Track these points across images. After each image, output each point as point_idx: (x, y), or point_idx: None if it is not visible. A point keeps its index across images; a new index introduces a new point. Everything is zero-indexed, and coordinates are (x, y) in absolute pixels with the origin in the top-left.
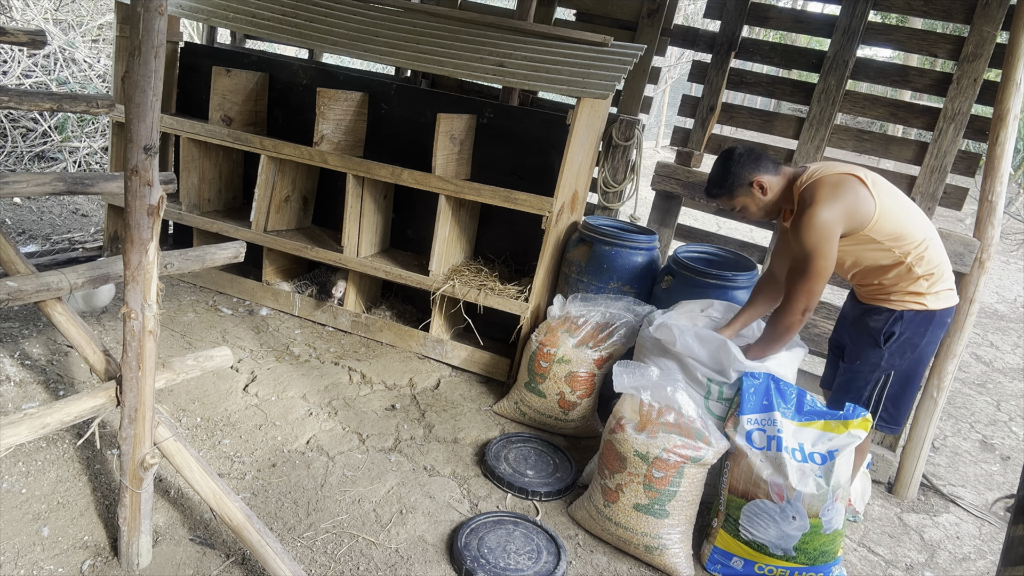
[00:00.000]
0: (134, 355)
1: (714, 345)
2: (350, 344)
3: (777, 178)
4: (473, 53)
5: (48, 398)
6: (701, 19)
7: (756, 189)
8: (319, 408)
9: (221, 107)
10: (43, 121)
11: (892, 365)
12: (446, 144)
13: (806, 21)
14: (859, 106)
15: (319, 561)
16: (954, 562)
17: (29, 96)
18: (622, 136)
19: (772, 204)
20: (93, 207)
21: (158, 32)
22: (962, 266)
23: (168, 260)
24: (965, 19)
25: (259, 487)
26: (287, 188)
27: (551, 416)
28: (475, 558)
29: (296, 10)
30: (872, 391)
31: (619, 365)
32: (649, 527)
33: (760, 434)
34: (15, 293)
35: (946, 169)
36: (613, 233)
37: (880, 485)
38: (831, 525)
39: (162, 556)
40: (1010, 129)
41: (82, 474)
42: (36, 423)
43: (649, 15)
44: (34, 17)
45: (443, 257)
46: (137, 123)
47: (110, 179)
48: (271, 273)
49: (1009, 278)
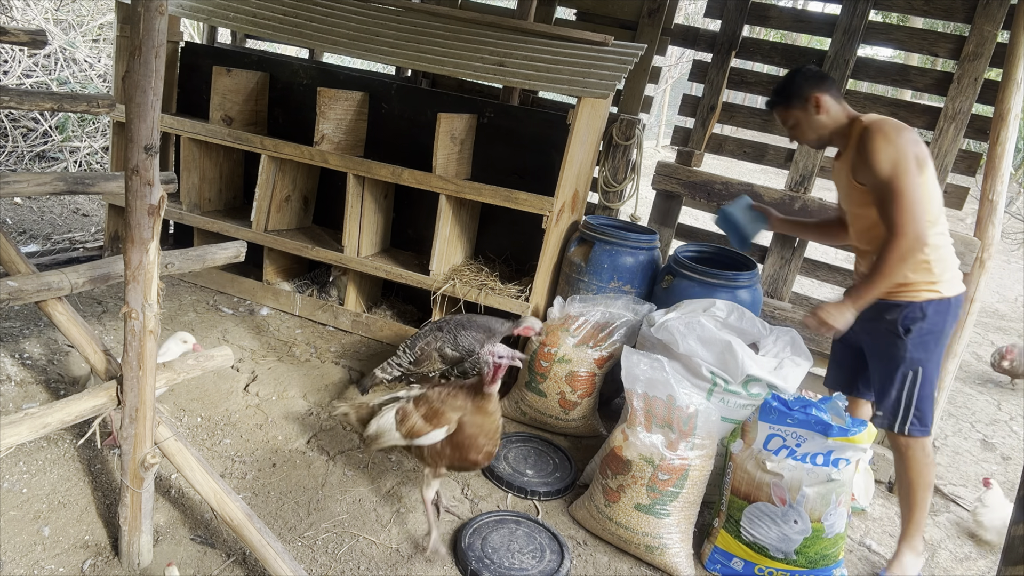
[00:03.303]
0: (135, 355)
1: (719, 347)
2: (351, 344)
3: (837, 105)
4: (474, 53)
5: (49, 398)
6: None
7: (813, 106)
8: (320, 408)
9: (222, 107)
10: (44, 121)
11: (918, 359)
12: (447, 144)
13: (807, 20)
14: (860, 106)
15: (320, 561)
16: (955, 561)
17: (30, 96)
18: (623, 135)
19: (824, 128)
20: (94, 207)
21: (159, 32)
22: (963, 266)
23: (169, 260)
24: (966, 18)
25: (260, 487)
26: (288, 188)
27: (552, 416)
28: (479, 558)
29: (297, 10)
30: (901, 390)
31: (628, 354)
32: (650, 527)
33: (778, 440)
34: (16, 293)
35: (947, 168)
36: (614, 233)
37: (880, 485)
38: (833, 529)
39: (163, 555)
40: (1011, 128)
41: (83, 474)
42: (37, 423)
43: (650, 14)
44: (35, 17)
45: (443, 257)
46: (138, 123)
47: (111, 179)
48: (272, 273)
49: (1010, 277)
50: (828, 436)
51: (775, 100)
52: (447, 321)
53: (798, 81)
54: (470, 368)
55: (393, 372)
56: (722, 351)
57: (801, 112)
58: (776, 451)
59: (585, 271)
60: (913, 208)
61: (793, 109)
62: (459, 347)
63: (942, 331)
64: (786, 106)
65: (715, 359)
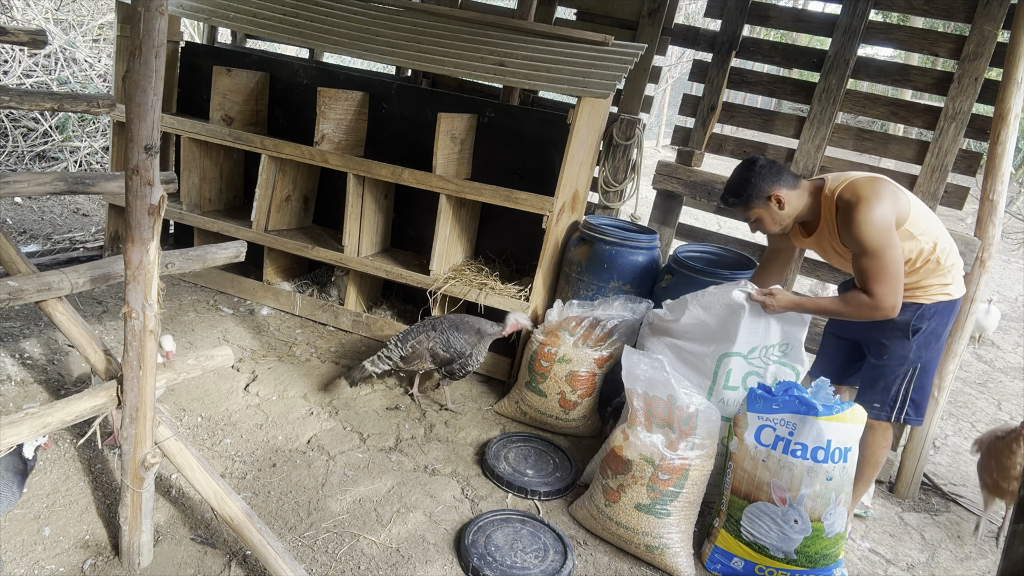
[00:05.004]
0: (135, 355)
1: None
2: (351, 343)
3: (796, 192)
4: (474, 52)
5: (49, 398)
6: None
7: (774, 203)
8: (320, 407)
9: (222, 107)
10: (44, 121)
11: (920, 357)
12: (447, 143)
13: (807, 20)
14: (860, 105)
15: (320, 560)
16: (955, 561)
17: (30, 96)
18: (623, 135)
19: (788, 218)
20: (94, 207)
21: (159, 32)
22: (964, 265)
23: (169, 259)
24: (966, 18)
25: (260, 486)
26: (288, 188)
27: (552, 415)
28: (482, 556)
29: (297, 9)
30: (901, 385)
31: (628, 353)
32: (650, 527)
33: (769, 431)
34: (16, 293)
35: (947, 168)
36: (614, 232)
37: (881, 484)
38: (833, 529)
39: (163, 555)
40: (1011, 128)
41: (83, 474)
42: (37, 423)
43: (650, 14)
44: (35, 17)
45: (444, 256)
46: (138, 123)
47: (111, 179)
48: (272, 273)
49: (1010, 277)
50: (816, 416)
51: (734, 201)
52: (440, 321)
53: (754, 182)
54: (458, 369)
55: (382, 366)
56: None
57: (762, 210)
58: (772, 445)
59: (585, 271)
60: (895, 283)
61: (753, 208)
62: (450, 348)
63: (945, 329)
64: (745, 206)
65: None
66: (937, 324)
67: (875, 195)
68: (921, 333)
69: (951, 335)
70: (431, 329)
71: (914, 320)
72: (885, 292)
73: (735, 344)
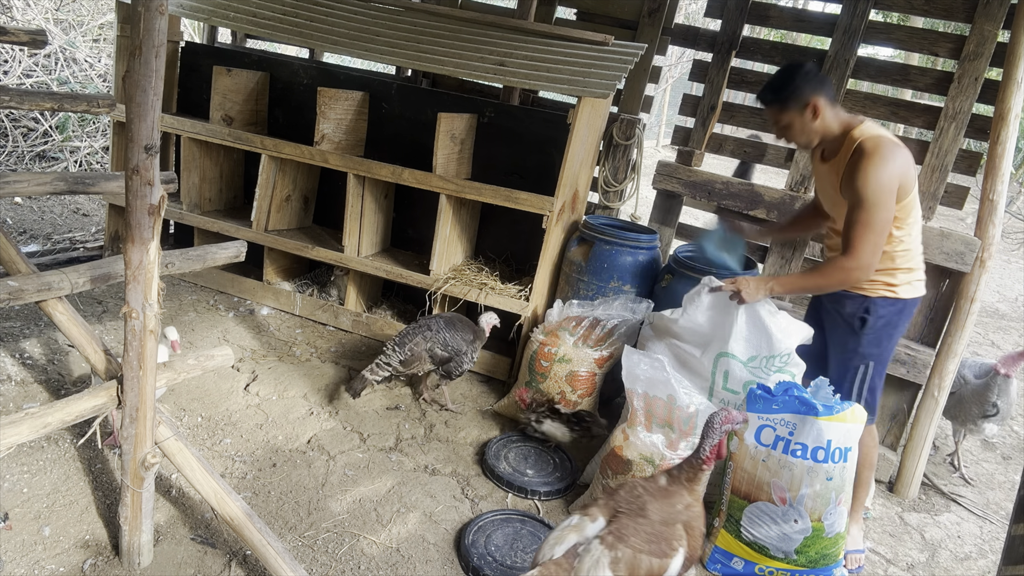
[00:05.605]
0: (135, 354)
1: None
2: (351, 343)
3: (831, 111)
4: (474, 52)
5: (49, 397)
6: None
7: (809, 111)
8: (320, 407)
9: (222, 107)
10: (44, 121)
11: (871, 355)
12: (447, 143)
13: (807, 20)
14: (860, 105)
15: (320, 560)
16: (955, 561)
17: (30, 96)
18: (623, 135)
19: (816, 134)
20: (94, 207)
21: (159, 32)
22: (963, 265)
23: (169, 259)
24: (966, 18)
25: (260, 486)
26: (288, 187)
27: None
28: (482, 555)
29: (297, 9)
30: (854, 381)
31: (629, 353)
32: None
33: (769, 431)
34: (16, 293)
35: (947, 168)
36: (614, 232)
37: (881, 484)
38: (833, 528)
39: (163, 555)
40: (1011, 128)
41: (83, 474)
42: (37, 422)
43: (650, 14)
44: (35, 17)
45: (444, 256)
46: (138, 123)
47: (111, 178)
48: (272, 273)
49: (1010, 277)
50: (816, 416)
51: (770, 98)
52: (435, 320)
53: (797, 82)
54: (455, 368)
55: (382, 373)
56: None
57: (796, 115)
58: (772, 445)
59: (585, 271)
60: (877, 241)
61: (788, 111)
62: (448, 347)
63: (895, 328)
64: (781, 107)
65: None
66: (886, 320)
67: (892, 156)
68: (869, 327)
69: (950, 335)
70: (427, 329)
71: (859, 312)
72: (865, 247)
73: (728, 344)
